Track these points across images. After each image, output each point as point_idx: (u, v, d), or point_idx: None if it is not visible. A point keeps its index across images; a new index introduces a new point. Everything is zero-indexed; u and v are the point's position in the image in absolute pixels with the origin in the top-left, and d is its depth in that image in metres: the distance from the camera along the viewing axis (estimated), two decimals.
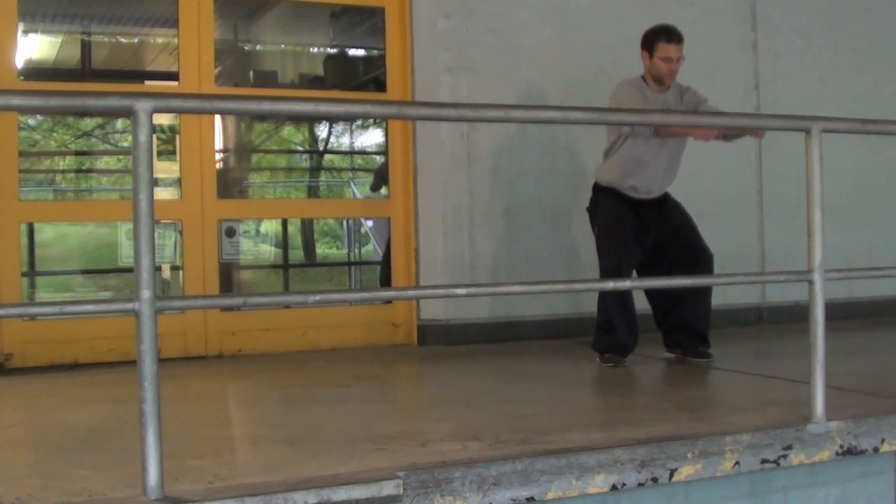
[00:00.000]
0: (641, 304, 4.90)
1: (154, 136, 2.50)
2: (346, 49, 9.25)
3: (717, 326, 6.17)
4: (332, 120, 11.53)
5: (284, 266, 11.35)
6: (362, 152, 12.84)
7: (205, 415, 3.70)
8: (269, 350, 5.42)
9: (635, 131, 4.60)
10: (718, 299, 6.16)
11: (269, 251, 11.99)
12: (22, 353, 5.02)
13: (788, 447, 3.03)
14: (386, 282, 7.39)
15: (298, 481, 2.45)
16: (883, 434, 3.19)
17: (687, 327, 4.80)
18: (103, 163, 11.92)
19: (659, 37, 4.63)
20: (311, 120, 11.31)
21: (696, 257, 4.75)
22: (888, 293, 6.59)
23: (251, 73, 9.45)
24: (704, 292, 4.78)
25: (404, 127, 5.85)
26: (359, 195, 11.87)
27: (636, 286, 4.75)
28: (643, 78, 4.73)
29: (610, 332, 4.65)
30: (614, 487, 2.77)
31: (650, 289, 4.82)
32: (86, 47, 9.01)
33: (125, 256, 9.10)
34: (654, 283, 4.69)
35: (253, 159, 11.40)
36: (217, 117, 6.72)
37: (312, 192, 12.18)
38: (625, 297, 4.59)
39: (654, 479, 2.82)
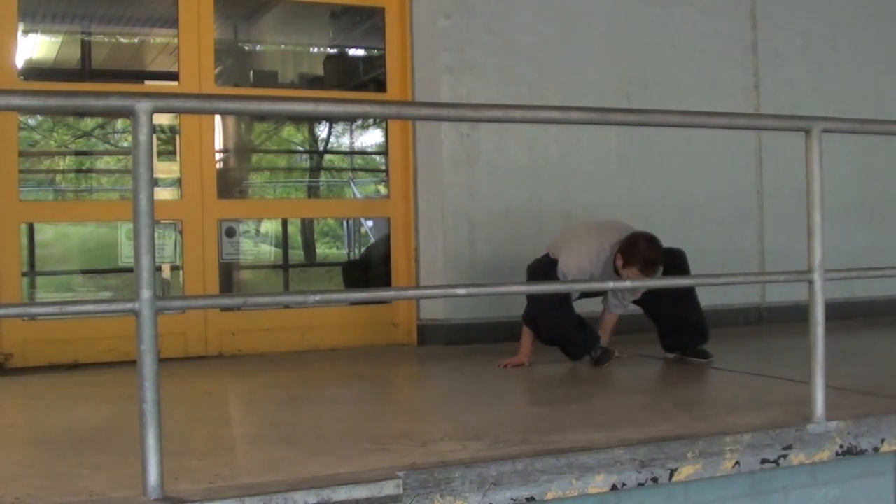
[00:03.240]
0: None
1: (154, 136, 2.50)
2: (346, 49, 9.24)
3: (717, 326, 6.19)
4: (332, 120, 11.51)
5: (284, 266, 11.33)
6: (362, 152, 12.82)
7: (205, 415, 3.70)
8: (269, 350, 5.42)
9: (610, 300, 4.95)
10: (718, 299, 6.19)
11: (269, 251, 11.98)
12: (22, 353, 5.02)
13: (788, 447, 3.03)
14: (358, 282, 7.42)
15: (298, 481, 2.45)
16: (883, 434, 3.19)
17: (686, 327, 4.84)
18: (103, 163, 11.90)
19: (636, 262, 4.52)
20: (311, 120, 11.29)
21: (676, 262, 4.74)
22: (888, 293, 6.59)
23: (251, 73, 9.44)
24: (686, 293, 4.83)
25: (404, 127, 5.85)
26: (359, 195, 11.86)
27: (636, 286, 4.74)
28: (616, 262, 4.65)
29: (575, 339, 4.74)
30: (614, 487, 2.77)
31: (651, 311, 4.94)
32: (86, 47, 8.99)
33: (125, 256, 9.09)
34: (655, 283, 4.68)
35: (253, 159, 11.38)
36: (217, 117, 6.72)
37: (312, 192, 12.17)
38: (565, 306, 4.66)
39: (654, 479, 2.82)
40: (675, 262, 4.72)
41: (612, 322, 5.07)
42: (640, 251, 4.52)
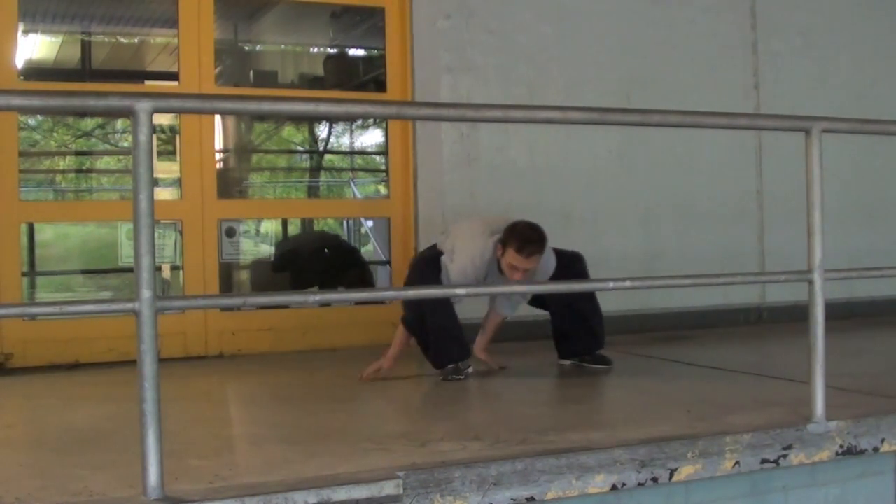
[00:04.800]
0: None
1: (154, 136, 2.50)
2: (346, 49, 9.25)
3: (717, 326, 6.21)
4: (332, 120, 11.51)
5: None
6: (362, 152, 12.82)
7: (205, 415, 3.70)
8: (269, 350, 5.41)
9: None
10: (718, 299, 6.20)
11: (269, 251, 11.98)
12: (22, 353, 5.02)
13: (788, 447, 3.03)
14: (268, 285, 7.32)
15: (298, 481, 2.45)
16: (883, 434, 3.19)
17: (584, 329, 4.65)
18: (103, 163, 11.90)
19: (512, 242, 4.25)
20: (311, 120, 11.29)
21: (568, 263, 4.57)
22: (888, 293, 6.59)
23: (251, 73, 9.44)
24: (587, 295, 4.67)
25: (404, 127, 5.85)
26: (359, 195, 11.87)
27: (637, 286, 4.74)
28: (497, 256, 4.36)
29: (447, 346, 4.38)
30: (614, 487, 2.77)
31: (552, 311, 4.73)
32: (86, 47, 8.99)
33: (125, 256, 9.08)
34: (655, 284, 4.68)
35: (253, 159, 11.38)
36: (217, 117, 6.72)
37: (312, 192, 12.17)
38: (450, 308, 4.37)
39: (654, 479, 2.82)
40: (573, 264, 4.57)
41: (497, 324, 4.72)
42: (517, 230, 4.30)
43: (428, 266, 4.47)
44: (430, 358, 4.43)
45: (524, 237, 4.25)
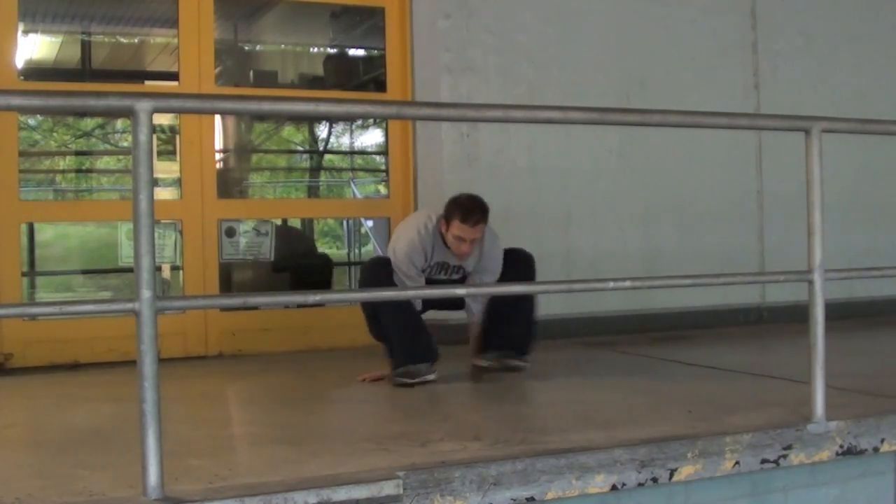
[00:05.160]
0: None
1: (154, 136, 2.50)
2: (346, 49, 9.25)
3: (717, 326, 6.21)
4: (332, 120, 11.52)
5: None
6: (362, 152, 12.83)
7: (205, 415, 3.70)
8: (269, 350, 5.41)
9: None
10: (718, 299, 6.20)
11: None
12: (22, 353, 5.02)
13: (788, 447, 3.03)
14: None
15: (298, 481, 2.46)
16: (883, 434, 3.19)
17: (517, 326, 4.50)
18: (103, 163, 11.91)
19: (455, 214, 4.18)
20: (311, 120, 11.29)
21: (515, 259, 4.48)
22: (888, 293, 6.59)
23: (251, 73, 9.44)
24: (525, 300, 4.49)
25: (404, 127, 5.85)
26: (359, 195, 11.87)
27: (637, 286, 4.74)
28: (441, 232, 4.29)
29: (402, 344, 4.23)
30: (614, 487, 2.77)
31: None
32: (86, 47, 8.99)
33: (125, 256, 9.08)
34: (654, 284, 4.68)
35: (253, 159, 11.38)
36: (217, 117, 6.72)
37: (312, 192, 12.17)
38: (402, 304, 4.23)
39: (654, 479, 2.82)
40: (521, 262, 4.48)
41: (479, 330, 4.57)
42: (459, 202, 4.22)
43: (376, 264, 4.42)
44: (394, 357, 4.26)
45: (466, 206, 4.21)
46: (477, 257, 4.39)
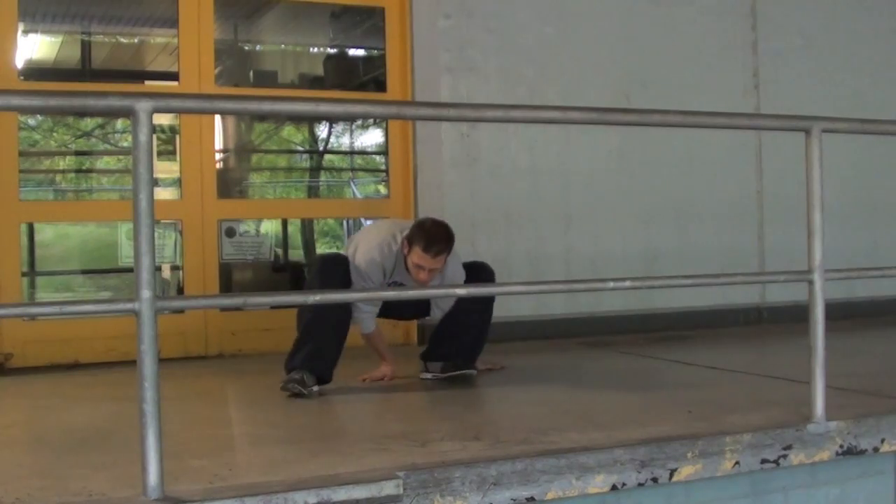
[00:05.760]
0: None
1: (154, 136, 2.50)
2: (346, 49, 9.24)
3: (717, 326, 6.21)
4: (332, 120, 11.51)
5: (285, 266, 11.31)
6: (362, 152, 12.82)
7: (205, 415, 3.70)
8: (269, 350, 5.41)
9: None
10: (718, 299, 6.20)
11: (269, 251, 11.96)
12: (22, 353, 5.02)
13: (788, 447, 3.03)
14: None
15: (298, 481, 2.45)
16: (883, 434, 3.19)
17: (469, 336, 4.36)
18: (103, 163, 11.90)
19: (418, 241, 4.00)
20: (311, 120, 11.29)
21: (476, 275, 4.33)
22: (888, 293, 6.59)
23: (251, 73, 9.43)
24: (486, 306, 4.35)
25: (404, 127, 5.85)
26: (359, 195, 11.87)
27: (637, 286, 4.74)
28: (404, 253, 4.11)
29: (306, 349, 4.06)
30: (614, 487, 2.77)
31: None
32: (86, 47, 8.99)
33: (125, 256, 9.08)
34: (654, 284, 4.67)
35: (253, 159, 11.37)
36: (217, 117, 6.72)
37: (312, 192, 12.17)
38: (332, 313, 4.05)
39: (654, 479, 2.82)
40: (482, 271, 4.36)
41: (376, 340, 4.41)
42: (424, 228, 4.06)
43: (329, 264, 4.21)
44: (288, 361, 4.09)
45: (431, 235, 4.02)
46: (438, 282, 4.19)
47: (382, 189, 10.62)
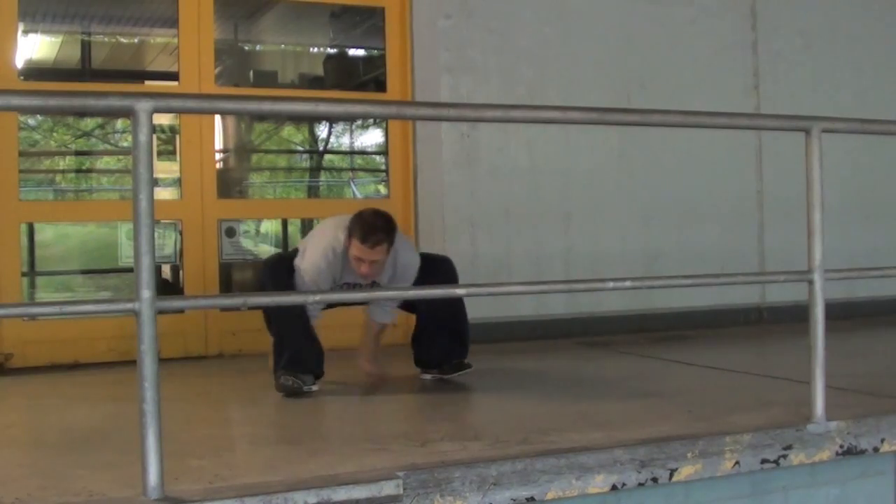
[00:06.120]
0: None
1: (154, 136, 2.50)
2: (346, 49, 9.24)
3: (717, 326, 6.21)
4: (332, 120, 11.51)
5: None
6: (362, 152, 12.81)
7: (205, 415, 3.70)
8: (270, 350, 5.40)
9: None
10: (718, 299, 6.20)
11: (269, 251, 11.97)
12: (22, 353, 5.02)
13: (788, 447, 3.03)
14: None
15: (298, 481, 2.45)
16: (883, 434, 3.19)
17: (448, 332, 4.30)
18: (103, 163, 11.90)
19: (355, 232, 3.89)
20: (311, 120, 11.29)
21: (433, 269, 4.25)
22: (889, 293, 6.59)
23: (251, 73, 9.43)
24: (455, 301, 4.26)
25: (404, 127, 5.85)
26: (359, 195, 11.86)
27: (637, 286, 4.74)
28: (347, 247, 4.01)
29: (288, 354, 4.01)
30: (614, 487, 2.77)
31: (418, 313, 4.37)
32: (86, 47, 8.99)
33: (125, 256, 9.08)
34: (655, 284, 4.67)
35: (253, 159, 11.38)
36: (217, 117, 6.72)
37: (312, 192, 12.17)
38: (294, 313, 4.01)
39: (654, 479, 2.82)
40: (441, 265, 4.29)
41: (377, 332, 4.37)
42: (361, 218, 3.92)
43: (275, 267, 4.16)
44: (274, 364, 4.06)
45: (368, 225, 3.88)
46: (391, 273, 4.11)
47: (382, 189, 10.62)
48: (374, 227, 3.88)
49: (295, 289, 4.00)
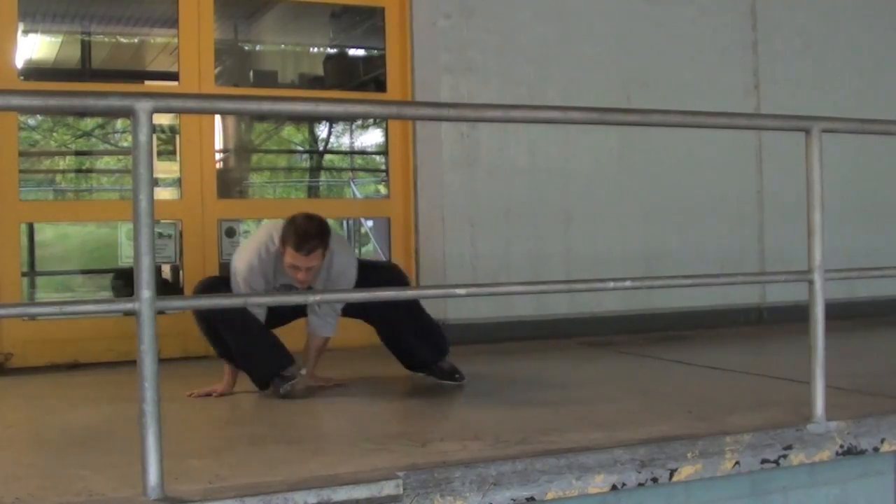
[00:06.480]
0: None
1: (154, 136, 2.50)
2: (346, 49, 9.25)
3: (717, 326, 6.21)
4: (332, 120, 11.52)
5: None
6: (362, 152, 12.83)
7: (205, 415, 3.70)
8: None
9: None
10: (718, 299, 6.20)
11: None
12: (22, 353, 5.02)
13: (788, 447, 3.03)
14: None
15: (298, 481, 2.45)
16: (883, 434, 3.19)
17: (416, 340, 4.25)
18: (103, 163, 11.91)
19: (289, 239, 3.80)
20: (311, 120, 11.30)
21: (378, 278, 4.17)
22: (889, 293, 6.59)
23: (251, 73, 9.44)
24: (408, 305, 4.20)
25: (404, 127, 5.85)
26: (359, 195, 11.87)
27: (637, 286, 4.75)
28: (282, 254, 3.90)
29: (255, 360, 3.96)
30: (614, 487, 2.77)
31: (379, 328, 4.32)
32: (86, 47, 9.00)
33: (125, 256, 9.08)
34: (655, 284, 4.67)
35: (253, 159, 11.39)
36: (217, 117, 6.72)
37: (312, 192, 12.18)
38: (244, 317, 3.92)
39: (654, 479, 2.82)
40: (385, 275, 4.25)
41: (318, 346, 4.23)
42: (294, 224, 3.83)
43: (210, 287, 4.06)
44: (252, 376, 3.99)
45: (301, 231, 3.79)
46: (325, 276, 4.01)
47: (382, 189, 10.63)
48: (307, 233, 3.80)
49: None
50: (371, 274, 4.14)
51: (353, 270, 4.08)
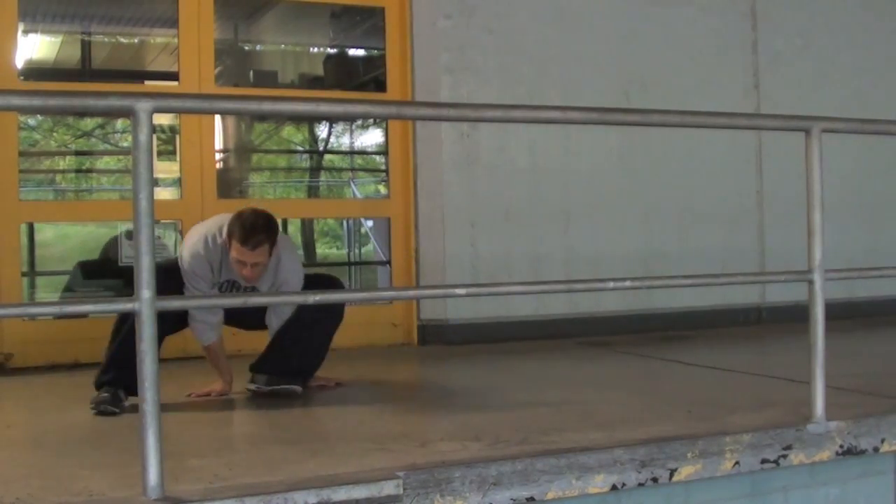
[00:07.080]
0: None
1: (154, 136, 2.50)
2: (346, 49, 9.25)
3: (717, 326, 6.21)
4: (332, 120, 11.53)
5: None
6: (362, 152, 12.83)
7: (205, 415, 3.70)
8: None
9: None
10: (718, 299, 6.20)
11: None
12: (22, 353, 5.02)
13: (788, 447, 3.03)
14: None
15: (298, 481, 2.45)
16: (883, 434, 3.19)
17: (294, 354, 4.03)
18: (103, 163, 11.91)
19: (235, 233, 3.68)
20: (311, 120, 11.30)
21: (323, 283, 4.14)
22: (888, 293, 6.59)
23: (251, 73, 9.44)
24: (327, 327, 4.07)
25: (404, 127, 5.85)
26: (359, 195, 11.87)
27: (637, 286, 4.74)
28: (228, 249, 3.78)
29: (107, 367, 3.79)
30: (614, 487, 2.77)
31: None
32: (86, 47, 9.00)
33: (125, 256, 9.08)
34: (655, 284, 4.67)
35: (253, 159, 11.39)
36: (217, 117, 6.72)
37: (312, 192, 12.18)
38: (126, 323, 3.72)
39: (654, 479, 2.82)
40: (332, 285, 4.18)
41: (215, 352, 4.07)
42: (241, 218, 3.71)
43: (166, 271, 3.67)
44: (98, 376, 3.80)
45: (247, 225, 3.67)
46: (271, 279, 3.93)
47: (382, 189, 10.63)
48: (254, 227, 3.70)
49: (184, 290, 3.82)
50: (316, 284, 4.06)
51: (299, 276, 3.98)
